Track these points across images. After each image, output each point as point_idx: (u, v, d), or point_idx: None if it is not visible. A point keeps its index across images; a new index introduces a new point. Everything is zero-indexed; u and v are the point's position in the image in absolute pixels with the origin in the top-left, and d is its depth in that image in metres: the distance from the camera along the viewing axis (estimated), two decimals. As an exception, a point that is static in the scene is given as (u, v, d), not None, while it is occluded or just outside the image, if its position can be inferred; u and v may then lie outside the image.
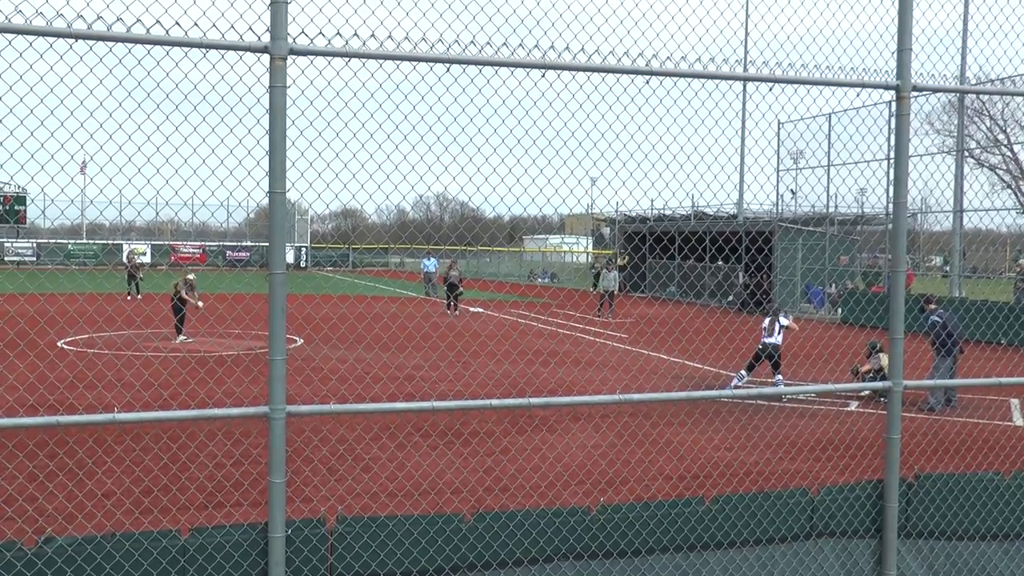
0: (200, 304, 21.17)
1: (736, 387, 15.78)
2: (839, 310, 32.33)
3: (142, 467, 9.63)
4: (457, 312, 30.27)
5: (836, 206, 36.70)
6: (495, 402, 5.63)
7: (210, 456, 10.19)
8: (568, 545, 5.94)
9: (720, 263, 39.91)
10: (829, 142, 34.33)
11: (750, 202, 40.90)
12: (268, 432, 5.11)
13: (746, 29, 37.44)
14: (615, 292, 32.01)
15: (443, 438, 11.66)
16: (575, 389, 15.72)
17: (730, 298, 37.29)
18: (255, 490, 8.97)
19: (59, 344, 20.13)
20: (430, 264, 39.59)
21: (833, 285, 34.11)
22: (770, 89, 6.49)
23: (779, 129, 38.15)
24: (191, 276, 22.33)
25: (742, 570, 6.21)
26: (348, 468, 9.97)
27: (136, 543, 5.34)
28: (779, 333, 16.01)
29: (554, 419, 13.05)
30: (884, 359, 15.30)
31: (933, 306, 15.09)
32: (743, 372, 16.15)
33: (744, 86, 32.38)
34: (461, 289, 30.60)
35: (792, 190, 39.96)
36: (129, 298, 32.67)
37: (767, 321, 16.19)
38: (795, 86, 6.47)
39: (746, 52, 35.27)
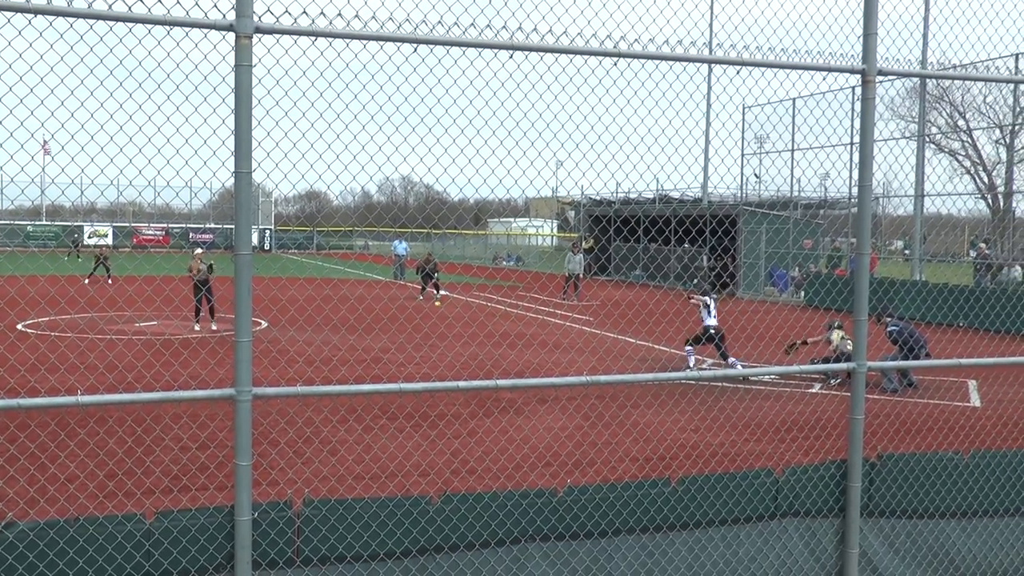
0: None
1: (691, 364, 16.11)
2: (803, 293, 32.64)
3: (106, 450, 9.53)
4: (424, 295, 29.90)
5: (800, 190, 37.00)
6: (462, 384, 5.63)
7: (175, 439, 10.11)
8: (535, 527, 5.96)
9: (685, 246, 40.11)
10: (793, 127, 34.54)
11: (716, 185, 41.15)
12: (234, 415, 5.07)
13: (712, 11, 37.50)
14: (580, 275, 32.08)
15: (410, 421, 11.65)
16: (542, 371, 15.77)
17: (695, 281, 37.52)
18: (221, 473, 8.91)
19: (19, 327, 19.85)
20: (400, 247, 39.29)
21: (797, 268, 34.43)
22: (737, 72, 6.50)
23: (744, 113, 38.35)
24: (199, 251, 21.71)
25: (707, 550, 6.27)
26: (315, 451, 9.94)
27: (100, 527, 5.29)
28: (713, 314, 16.30)
29: (521, 401, 13.08)
30: (836, 335, 15.50)
31: (888, 318, 15.38)
32: (689, 348, 16.26)
33: (710, 69, 32.53)
34: (437, 276, 30.17)
35: (756, 174, 40.21)
36: (109, 281, 32.12)
37: (703, 303, 16.42)
38: (762, 70, 6.50)
39: (711, 35, 35.33)
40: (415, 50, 5.13)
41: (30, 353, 15.09)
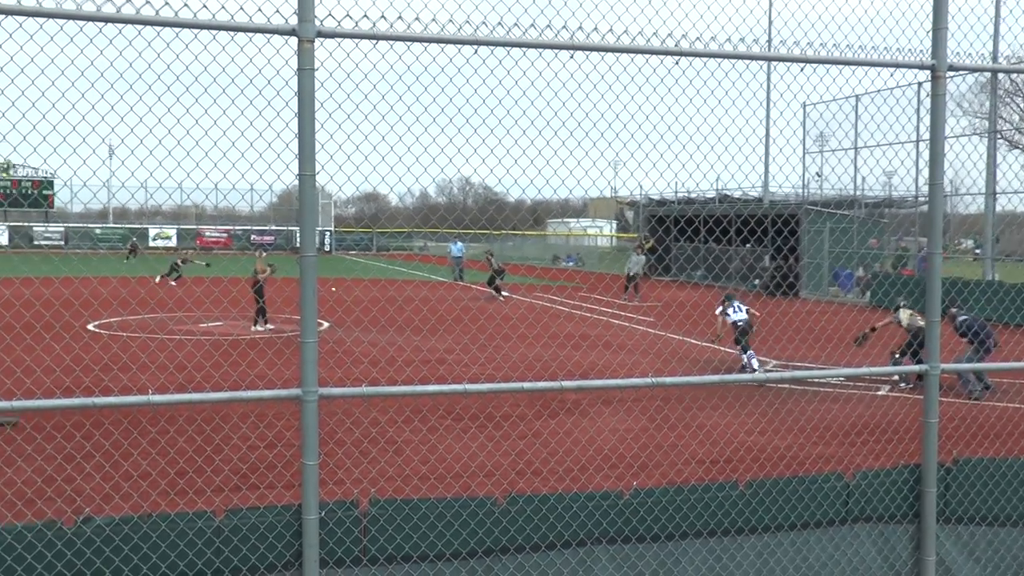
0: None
1: (755, 366, 15.93)
2: (868, 294, 32.03)
3: (176, 448, 9.71)
4: (501, 297, 30.02)
5: (864, 189, 36.29)
6: (527, 385, 5.61)
7: (243, 438, 10.26)
8: (601, 529, 5.92)
9: (747, 246, 39.62)
10: (856, 124, 33.87)
11: (782, 183, 40.56)
12: (301, 414, 5.11)
13: (770, 8, 36.94)
14: (639, 275, 31.91)
15: (474, 421, 11.67)
16: (605, 372, 15.69)
17: (757, 281, 37.04)
18: (288, 472, 9.02)
19: (90, 327, 20.33)
20: (455, 248, 39.49)
21: (862, 268, 33.79)
22: (801, 70, 6.39)
23: (804, 111, 37.75)
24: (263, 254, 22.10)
25: (776, 555, 6.16)
26: (380, 451, 10.00)
27: (172, 524, 5.38)
28: (741, 309, 16.58)
29: (585, 403, 13.03)
30: (904, 315, 15.24)
31: (954, 310, 15.04)
32: (748, 353, 16.15)
33: (770, 67, 32.04)
34: (503, 274, 30.41)
35: (819, 172, 39.56)
36: (173, 283, 32.65)
37: (731, 305, 16.63)
38: (825, 67, 6.37)
39: (771, 32, 34.87)
40: (475, 52, 5.12)
41: (103, 353, 15.46)
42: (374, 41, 5.00)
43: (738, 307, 16.60)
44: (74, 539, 5.23)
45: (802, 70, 6.07)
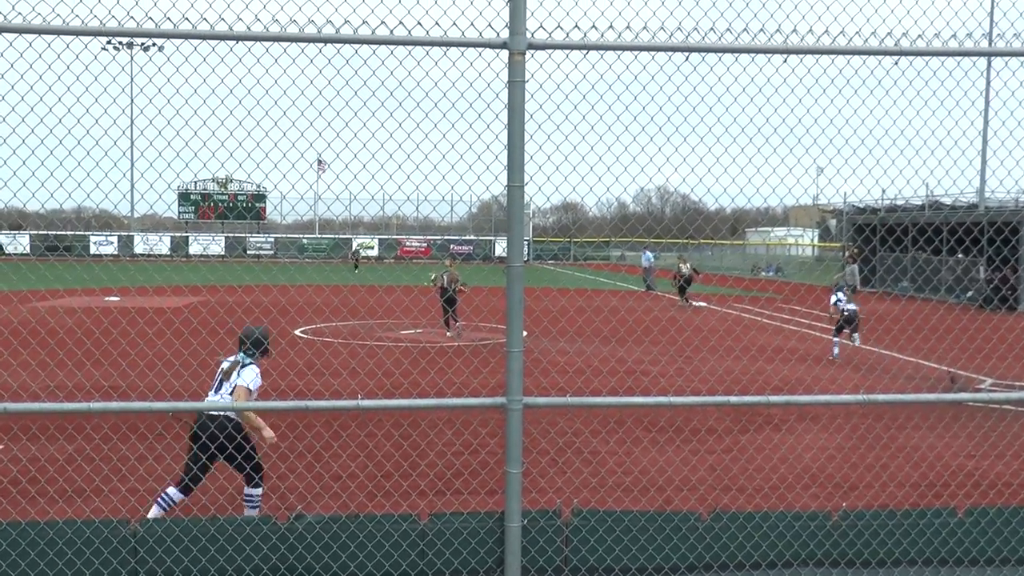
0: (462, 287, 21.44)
1: (835, 353, 18.83)
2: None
3: (383, 452, 10.07)
4: (689, 305, 30.25)
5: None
6: (734, 399, 5.47)
7: (447, 444, 10.53)
8: (808, 550, 5.70)
9: (959, 256, 37.25)
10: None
11: (995, 189, 37.94)
12: (505, 422, 5.17)
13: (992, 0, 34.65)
14: (856, 287, 30.66)
15: (678, 434, 11.51)
16: (804, 387, 15.12)
17: (970, 294, 34.75)
18: (492, 480, 9.17)
19: (297, 333, 21.45)
20: (645, 257, 39.49)
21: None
22: (1021, 64, 5.94)
23: (1031, 110, 35.16)
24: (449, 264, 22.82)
25: (1004, 589, 5.75)
26: (582, 461, 10.02)
27: (378, 524, 5.57)
28: (847, 300, 19.13)
29: (781, 418, 12.60)
30: None
31: None
32: (835, 339, 18.92)
33: (989, 63, 30.02)
34: (688, 280, 30.43)
35: (1042, 175, 36.71)
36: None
37: (840, 294, 19.15)
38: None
39: (992, 24, 32.67)
40: (686, 59, 5.05)
41: (316, 358, 16.27)
42: (584, 51, 5.01)
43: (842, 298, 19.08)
44: (287, 534, 5.51)
45: (1022, 64, 5.64)
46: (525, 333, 5.17)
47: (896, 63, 5.58)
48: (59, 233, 63.09)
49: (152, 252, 67.46)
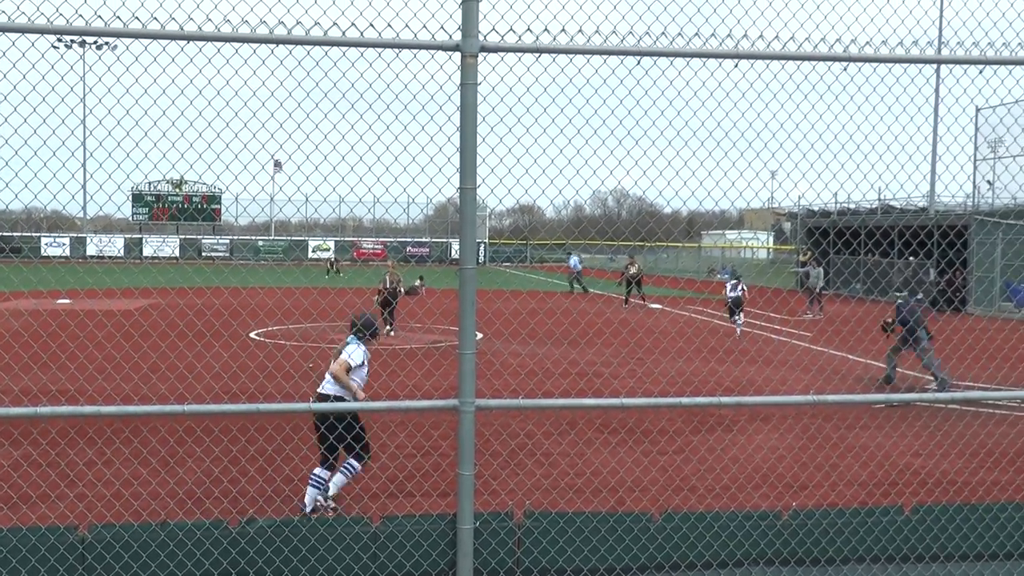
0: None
1: (738, 333, 22.51)
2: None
3: (335, 455, 10.00)
4: (642, 305, 31.18)
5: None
6: (685, 400, 5.52)
7: (400, 446, 10.49)
8: (759, 550, 5.77)
9: (909, 259, 37.93)
10: (1035, 128, 31.91)
11: (939, 193, 38.68)
12: (457, 425, 5.17)
13: (941, 8, 35.32)
14: (819, 289, 31.16)
15: (629, 435, 11.58)
16: (754, 388, 15.30)
17: (919, 296, 35.35)
18: (444, 481, 9.16)
19: (252, 335, 21.26)
20: (571, 260, 41.50)
21: (1038, 282, 31.81)
22: (965, 72, 6.07)
23: (976, 115, 35.86)
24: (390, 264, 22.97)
25: (948, 585, 5.87)
26: (534, 463, 10.04)
27: (330, 528, 5.54)
28: (740, 290, 22.87)
29: (732, 419, 12.74)
30: None
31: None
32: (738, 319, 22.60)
33: (937, 70, 30.59)
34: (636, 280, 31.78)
35: (989, 180, 37.51)
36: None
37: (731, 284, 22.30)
38: (1009, 67, 6.03)
39: (940, 32, 33.31)
40: (638, 62, 5.09)
41: (268, 361, 16.14)
42: (536, 55, 5.03)
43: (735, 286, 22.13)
44: (238, 538, 5.46)
45: (981, 72, 5.77)
46: (478, 335, 5.17)
47: (845, 69, 5.67)
48: (5, 235, 61.88)
49: (103, 254, 66.39)
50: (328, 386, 8.24)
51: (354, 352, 8.30)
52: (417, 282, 30.81)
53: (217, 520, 5.79)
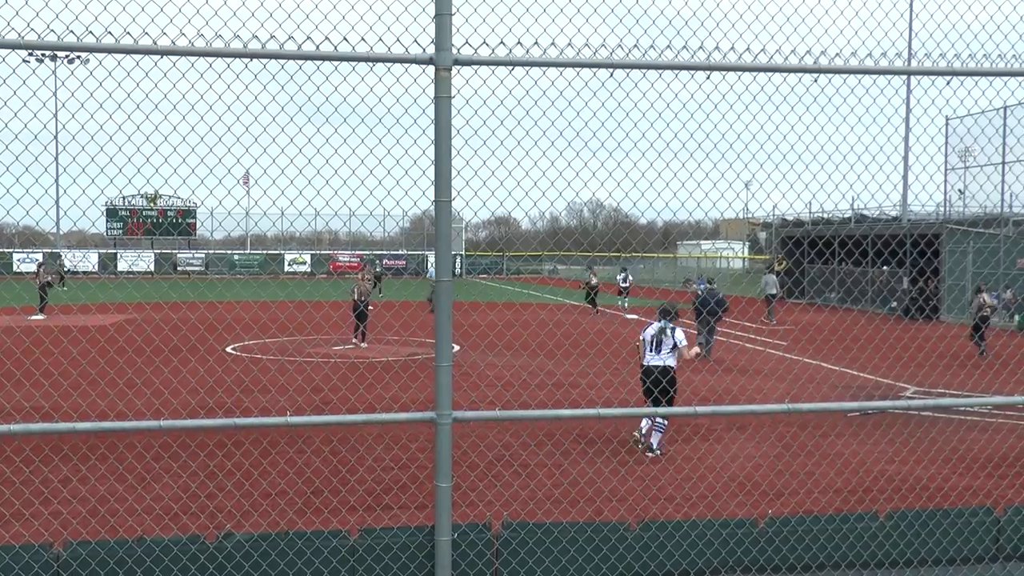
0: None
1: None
2: (1015, 316, 30.49)
3: (313, 469, 9.98)
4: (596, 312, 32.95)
5: (1012, 206, 34.60)
6: (661, 410, 5.56)
7: (377, 459, 10.47)
8: (736, 557, 5.80)
9: (882, 267, 38.32)
10: (1004, 138, 32.36)
11: (911, 202, 39.14)
12: (435, 437, 5.18)
13: (911, 20, 35.76)
14: (775, 296, 31.39)
15: (606, 445, 11.62)
16: (739, 397, 15.38)
17: (892, 304, 35.71)
18: (421, 493, 9.15)
19: (228, 349, 21.15)
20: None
21: (1009, 290, 32.19)
22: (933, 83, 6.18)
23: (947, 126, 36.31)
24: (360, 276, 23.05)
25: (922, 590, 5.92)
26: (512, 474, 10.04)
27: (308, 541, 5.53)
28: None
29: (708, 427, 12.81)
30: (986, 298, 15.75)
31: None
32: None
33: (908, 81, 30.98)
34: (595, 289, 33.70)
35: (960, 189, 37.96)
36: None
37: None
38: (975, 79, 6.13)
39: (910, 43, 33.72)
40: (611, 75, 5.13)
41: (244, 375, 16.06)
42: (510, 67, 5.06)
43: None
44: (216, 553, 5.44)
45: (948, 83, 5.86)
46: (455, 347, 5.18)
47: (816, 80, 5.74)
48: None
49: (77, 269, 65.78)
50: (671, 360, 11.38)
51: (680, 333, 11.53)
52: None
53: (194, 535, 5.76)
